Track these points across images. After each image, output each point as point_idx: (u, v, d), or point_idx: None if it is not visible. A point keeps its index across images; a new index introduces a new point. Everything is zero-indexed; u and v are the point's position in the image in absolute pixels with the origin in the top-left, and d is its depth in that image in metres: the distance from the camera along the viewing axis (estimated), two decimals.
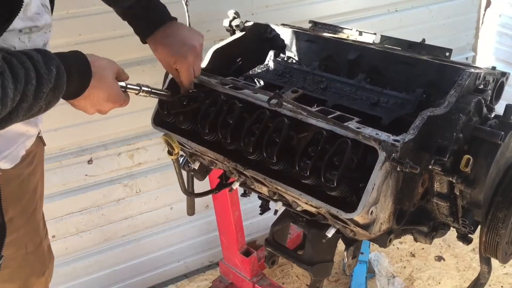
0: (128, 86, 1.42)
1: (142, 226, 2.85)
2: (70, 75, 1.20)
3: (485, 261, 1.59)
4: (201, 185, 2.01)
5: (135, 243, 2.87)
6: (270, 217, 1.76)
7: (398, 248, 3.18)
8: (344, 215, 1.26)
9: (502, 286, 2.86)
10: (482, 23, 3.62)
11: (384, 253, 3.01)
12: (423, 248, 3.15)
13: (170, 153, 1.47)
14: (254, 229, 3.17)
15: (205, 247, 3.14)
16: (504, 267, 2.94)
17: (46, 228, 1.81)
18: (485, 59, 3.67)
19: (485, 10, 3.64)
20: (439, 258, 3.11)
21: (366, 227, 1.31)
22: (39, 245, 1.65)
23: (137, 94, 1.46)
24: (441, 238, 3.12)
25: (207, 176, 2.03)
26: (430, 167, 1.35)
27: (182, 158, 1.86)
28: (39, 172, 1.65)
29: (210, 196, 2.72)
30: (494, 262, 1.58)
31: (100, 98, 1.32)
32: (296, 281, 3.02)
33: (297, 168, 1.35)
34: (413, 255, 3.13)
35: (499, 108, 1.57)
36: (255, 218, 3.12)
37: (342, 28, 2.04)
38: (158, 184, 2.78)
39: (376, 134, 1.30)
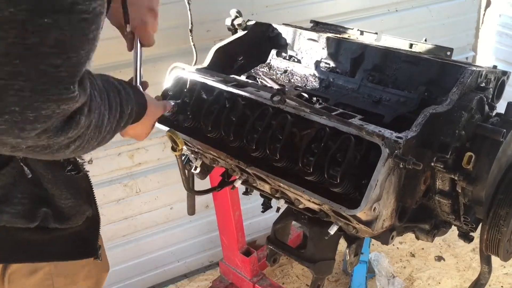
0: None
1: (142, 226, 2.86)
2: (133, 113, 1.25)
3: (486, 261, 1.59)
4: (201, 185, 2.01)
5: (135, 243, 2.87)
6: (270, 217, 1.76)
7: (398, 248, 3.18)
8: (347, 212, 1.26)
9: (502, 286, 2.87)
10: (482, 23, 3.63)
11: (384, 253, 3.01)
12: (423, 248, 3.15)
13: (174, 149, 1.48)
14: (254, 229, 3.17)
15: (205, 247, 3.14)
16: (504, 267, 2.95)
17: None
18: (485, 59, 3.67)
19: (485, 10, 3.65)
20: (439, 258, 3.11)
21: (369, 223, 1.31)
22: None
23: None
24: (441, 238, 3.15)
25: (208, 176, 2.04)
26: (432, 164, 1.35)
27: (184, 157, 1.87)
28: None
29: (210, 196, 2.73)
30: (494, 262, 1.58)
31: (139, 134, 1.42)
32: (296, 281, 3.02)
33: (300, 164, 1.35)
34: (413, 255, 3.13)
35: (500, 108, 1.57)
36: (255, 218, 3.12)
37: (343, 28, 2.05)
38: (158, 184, 2.78)
39: (379, 130, 1.30)
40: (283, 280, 3.03)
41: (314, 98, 1.67)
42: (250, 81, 1.62)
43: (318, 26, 2.14)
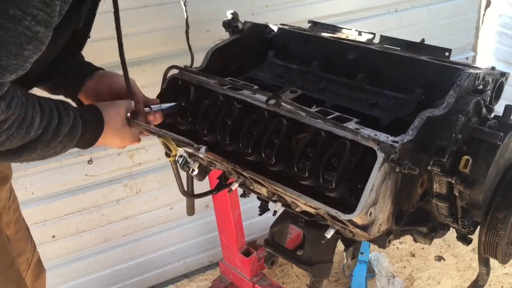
0: (142, 126, 1.50)
1: (142, 226, 2.85)
2: (86, 125, 1.34)
3: (484, 263, 1.58)
4: (200, 185, 2.01)
5: (135, 243, 2.87)
6: (270, 217, 1.75)
7: (398, 248, 3.17)
8: (342, 216, 1.26)
9: (502, 286, 2.86)
10: (482, 23, 3.62)
11: (384, 253, 3.00)
12: (423, 248, 3.14)
13: (167, 154, 1.48)
14: (254, 229, 3.17)
15: (205, 247, 3.14)
16: (504, 267, 2.94)
17: (33, 243, 1.84)
18: (485, 59, 3.66)
19: (485, 10, 3.64)
20: (439, 258, 3.10)
21: (365, 228, 1.31)
22: (10, 265, 1.63)
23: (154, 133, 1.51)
24: (441, 238, 3.12)
25: (207, 176, 2.03)
26: (429, 168, 1.34)
27: (182, 159, 1.86)
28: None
29: (210, 196, 2.72)
30: (494, 262, 1.57)
31: (115, 142, 1.48)
32: (296, 281, 3.01)
33: (295, 169, 1.35)
34: (413, 255, 3.13)
35: (499, 108, 1.56)
36: (255, 218, 3.12)
37: (341, 28, 2.04)
38: (158, 184, 2.78)
39: (375, 135, 1.29)
40: (283, 280, 3.03)
41: (311, 101, 1.66)
42: (245, 83, 1.61)
43: (316, 26, 2.13)
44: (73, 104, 1.48)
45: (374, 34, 1.95)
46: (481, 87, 1.51)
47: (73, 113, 1.30)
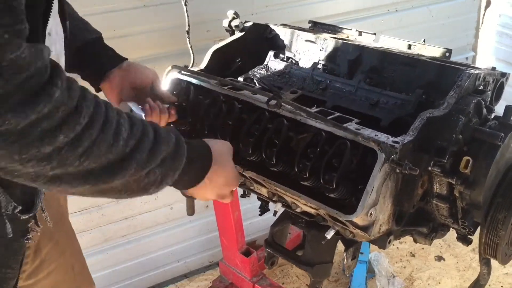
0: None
1: (142, 226, 2.85)
2: (192, 160, 1.10)
3: (485, 263, 1.58)
4: None
5: (135, 243, 2.87)
6: (270, 217, 1.75)
7: (398, 248, 3.17)
8: (343, 217, 1.26)
9: (502, 286, 2.86)
10: (482, 23, 3.61)
11: (384, 253, 3.00)
12: (423, 248, 3.14)
13: None
14: (254, 229, 3.17)
15: (205, 247, 3.14)
16: (504, 267, 2.94)
17: None
18: (485, 59, 3.66)
19: (485, 10, 3.63)
20: (439, 258, 3.10)
21: (365, 228, 1.31)
22: (84, 264, 1.62)
23: None
24: (441, 238, 3.13)
25: None
26: (429, 168, 1.34)
27: None
28: None
29: None
30: (495, 262, 1.57)
31: (220, 183, 1.24)
32: (296, 281, 3.02)
33: (296, 169, 1.35)
34: (413, 255, 3.13)
35: (499, 109, 1.56)
36: (255, 218, 3.11)
37: (342, 28, 2.04)
38: None
39: (376, 135, 1.29)
40: (283, 280, 3.03)
41: (311, 101, 1.66)
42: (246, 83, 1.61)
43: (316, 26, 2.13)
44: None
45: (374, 34, 1.95)
46: (481, 87, 1.51)
47: (175, 135, 1.05)
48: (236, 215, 2.67)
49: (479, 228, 1.51)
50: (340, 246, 1.64)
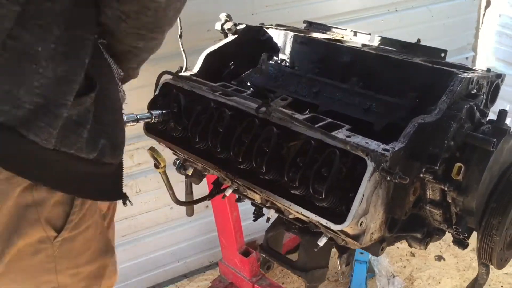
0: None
1: (142, 226, 2.85)
2: None
3: (484, 264, 1.57)
4: (200, 185, 2.00)
5: (135, 243, 2.87)
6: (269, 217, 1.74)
7: (398, 247, 3.16)
8: (333, 227, 1.25)
9: (502, 286, 2.85)
10: (482, 23, 3.59)
11: (384, 253, 2.99)
12: None
13: (156, 166, 1.46)
14: (253, 229, 3.16)
15: (205, 247, 3.14)
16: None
17: None
18: (485, 59, 3.64)
19: (485, 10, 3.61)
20: (439, 258, 3.09)
21: (356, 238, 1.30)
22: (104, 229, 1.61)
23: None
24: (441, 238, 3.12)
25: (205, 179, 2.03)
26: (421, 175, 1.33)
27: (178, 161, 1.86)
28: None
29: None
30: None
31: None
32: (296, 281, 3.01)
33: (285, 178, 1.33)
34: (413, 255, 3.12)
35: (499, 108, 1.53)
36: None
37: (337, 28, 2.02)
38: (158, 184, 2.77)
39: (366, 143, 1.28)
40: (283, 280, 3.03)
41: (304, 106, 1.64)
42: (237, 88, 1.59)
43: (311, 26, 2.12)
44: None
45: (369, 34, 1.93)
46: (474, 91, 1.49)
47: None
48: (235, 215, 2.67)
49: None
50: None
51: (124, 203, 1.36)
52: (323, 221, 1.26)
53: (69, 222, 1.23)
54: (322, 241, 1.42)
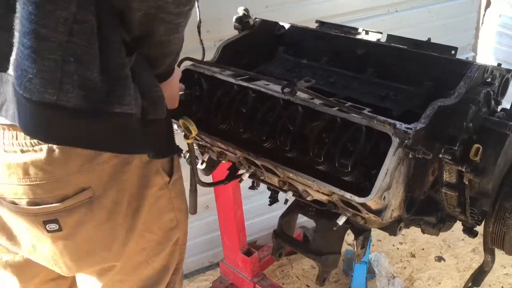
0: None
1: None
2: None
3: (489, 251, 1.61)
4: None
5: None
6: (270, 218, 1.76)
7: (398, 248, 3.20)
8: (357, 200, 1.28)
9: (502, 286, 2.89)
10: (482, 23, 3.65)
11: (384, 254, 3.03)
12: (423, 249, 3.17)
13: (186, 136, 1.49)
14: (255, 230, 3.18)
15: (205, 247, 3.14)
16: (504, 267, 2.97)
17: None
18: (485, 59, 3.70)
19: (485, 10, 3.68)
20: (439, 259, 3.13)
21: (378, 212, 1.33)
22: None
23: None
24: (442, 239, 3.17)
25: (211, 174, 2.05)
26: (440, 156, 1.37)
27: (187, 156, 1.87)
28: None
29: (210, 196, 2.75)
30: (495, 262, 1.61)
31: (169, 94, 1.37)
32: (296, 282, 3.03)
33: (311, 153, 1.37)
34: (413, 256, 3.15)
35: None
36: (256, 219, 3.13)
37: (349, 28, 2.07)
38: None
39: (390, 121, 1.32)
40: (283, 280, 3.04)
41: (322, 94, 1.68)
42: (260, 75, 1.63)
43: (323, 26, 2.17)
44: None
45: (381, 33, 1.98)
46: (489, 80, 1.55)
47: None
48: (239, 214, 2.69)
49: (483, 223, 1.54)
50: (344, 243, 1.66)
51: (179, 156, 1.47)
52: (348, 195, 1.30)
53: (175, 166, 1.42)
54: (341, 220, 1.45)
